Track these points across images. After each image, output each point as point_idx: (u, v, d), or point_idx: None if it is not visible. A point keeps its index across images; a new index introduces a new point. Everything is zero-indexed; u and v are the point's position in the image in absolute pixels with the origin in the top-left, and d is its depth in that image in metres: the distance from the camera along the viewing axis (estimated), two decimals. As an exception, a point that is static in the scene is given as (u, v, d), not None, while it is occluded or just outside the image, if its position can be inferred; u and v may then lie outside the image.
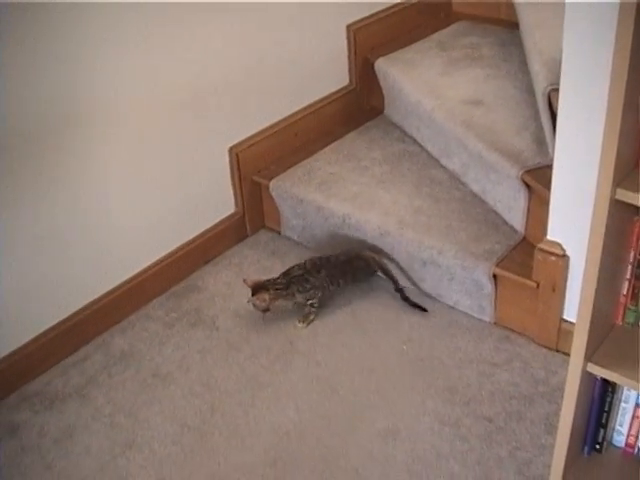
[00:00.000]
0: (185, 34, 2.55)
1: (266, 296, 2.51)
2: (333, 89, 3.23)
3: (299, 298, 2.57)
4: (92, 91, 2.34)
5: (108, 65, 2.35)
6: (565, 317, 2.33)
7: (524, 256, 2.41)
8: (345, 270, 2.62)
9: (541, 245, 2.28)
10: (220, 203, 2.93)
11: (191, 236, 2.84)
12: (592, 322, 1.61)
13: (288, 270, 2.60)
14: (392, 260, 2.67)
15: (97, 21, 2.27)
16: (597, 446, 1.91)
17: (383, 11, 3.32)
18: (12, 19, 2.06)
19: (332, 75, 3.21)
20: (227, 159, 2.88)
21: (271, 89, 2.96)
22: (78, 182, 2.40)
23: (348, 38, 3.20)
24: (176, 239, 2.80)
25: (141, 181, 2.59)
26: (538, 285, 2.33)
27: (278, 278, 2.57)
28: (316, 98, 3.17)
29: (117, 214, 2.55)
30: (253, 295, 2.52)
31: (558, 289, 2.29)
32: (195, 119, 2.69)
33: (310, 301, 2.57)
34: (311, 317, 2.59)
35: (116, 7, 2.30)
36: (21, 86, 2.15)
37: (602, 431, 1.88)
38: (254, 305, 2.54)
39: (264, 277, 2.59)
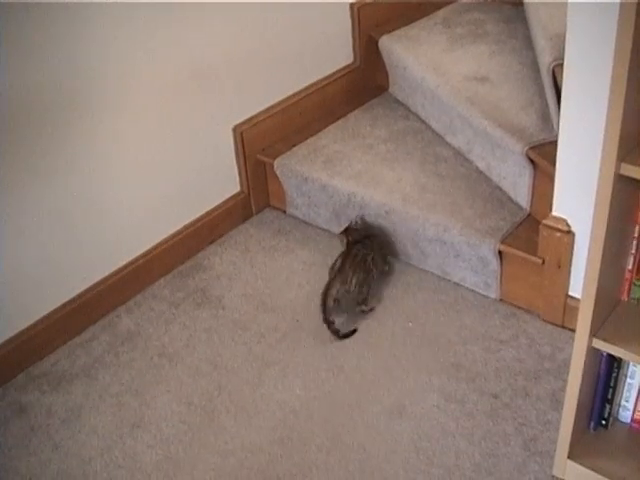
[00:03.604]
0: (189, 14, 2.53)
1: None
2: (337, 67, 3.21)
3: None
4: (99, 72, 2.33)
5: (116, 46, 2.35)
6: (571, 293, 2.33)
7: (529, 232, 2.41)
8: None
9: (546, 221, 2.27)
10: (225, 182, 2.92)
11: (196, 216, 2.84)
12: (597, 298, 1.61)
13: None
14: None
15: (107, 2, 2.27)
16: (603, 422, 1.92)
17: (387, -12, 3.31)
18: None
19: (336, 53, 3.20)
20: (231, 138, 2.87)
21: (275, 68, 2.95)
22: (83, 163, 2.39)
23: (352, 16, 3.17)
24: (181, 219, 2.80)
25: (145, 161, 2.59)
26: (543, 261, 2.33)
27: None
28: (320, 76, 3.15)
29: (122, 194, 2.55)
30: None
31: (563, 265, 2.28)
32: (199, 98, 2.68)
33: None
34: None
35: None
36: (29, 64, 2.14)
37: (608, 407, 1.89)
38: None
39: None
